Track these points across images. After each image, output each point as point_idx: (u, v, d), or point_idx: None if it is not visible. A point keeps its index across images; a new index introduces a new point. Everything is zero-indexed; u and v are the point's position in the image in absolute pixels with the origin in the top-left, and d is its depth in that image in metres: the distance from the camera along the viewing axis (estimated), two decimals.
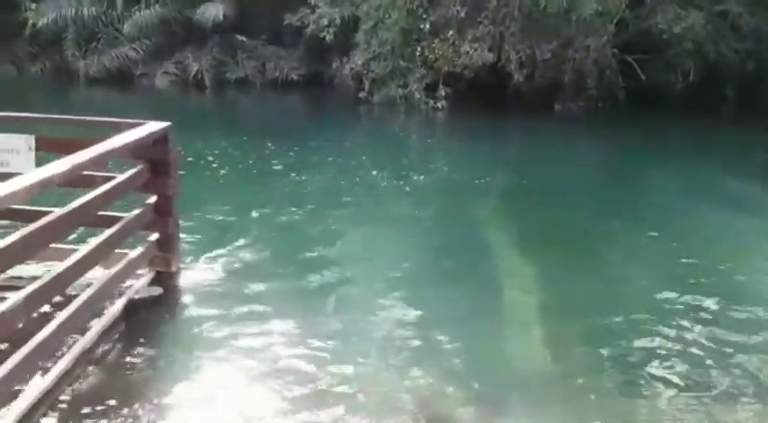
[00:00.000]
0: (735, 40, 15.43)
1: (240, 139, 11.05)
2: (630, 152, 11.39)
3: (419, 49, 15.37)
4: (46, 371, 3.02)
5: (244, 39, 18.96)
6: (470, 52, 14.87)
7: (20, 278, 3.53)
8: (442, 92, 15.43)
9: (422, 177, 9.11)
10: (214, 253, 5.31)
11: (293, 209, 6.97)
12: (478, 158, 10.49)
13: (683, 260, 5.81)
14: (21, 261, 2.87)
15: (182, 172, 4.55)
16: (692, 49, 14.92)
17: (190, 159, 8.49)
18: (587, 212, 7.54)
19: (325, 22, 16.80)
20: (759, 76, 16.30)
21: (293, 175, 8.71)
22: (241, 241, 5.71)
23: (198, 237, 5.55)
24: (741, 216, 7.43)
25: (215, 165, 9.11)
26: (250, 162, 9.36)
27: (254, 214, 6.68)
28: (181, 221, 4.49)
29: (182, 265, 4.46)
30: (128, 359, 3.54)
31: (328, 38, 16.92)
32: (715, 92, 16.46)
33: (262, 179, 8.52)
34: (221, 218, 6.46)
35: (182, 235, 4.59)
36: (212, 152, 9.88)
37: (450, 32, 15.12)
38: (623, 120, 14.67)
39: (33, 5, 18.90)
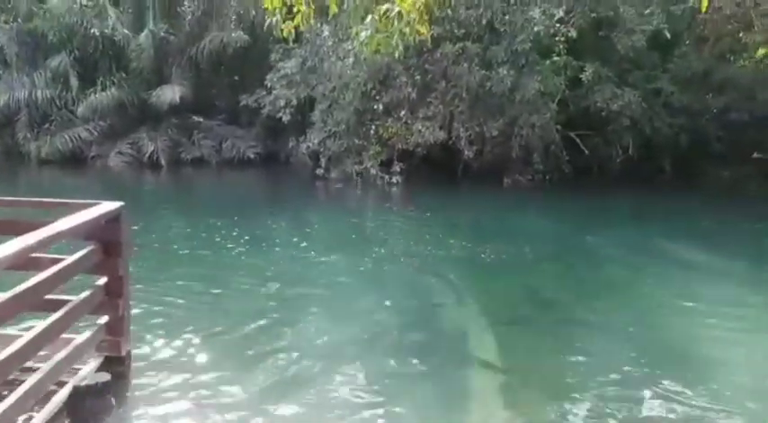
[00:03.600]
0: (668, 116, 16.51)
1: (195, 219, 10.98)
2: (578, 222, 11.78)
3: (373, 127, 15.91)
4: None
5: (200, 119, 19.27)
6: (422, 130, 15.46)
7: None
8: (396, 168, 15.88)
9: (380, 252, 9.16)
10: (165, 336, 5.17)
11: (247, 290, 6.88)
12: (433, 232, 10.66)
13: (638, 330, 5.93)
14: None
15: (133, 252, 4.48)
16: (629, 125, 15.87)
17: (141, 239, 8.37)
18: (542, 284, 7.65)
19: (282, 103, 17.28)
20: (692, 149, 17.37)
21: (250, 254, 8.64)
22: (194, 323, 5.57)
23: (149, 319, 5.41)
24: (685, 278, 7.86)
25: (167, 244, 9.02)
26: (204, 242, 9.25)
27: (207, 296, 6.56)
28: (131, 303, 4.38)
29: (131, 349, 4.30)
30: None
31: (285, 118, 17.36)
32: (653, 164, 17.46)
33: (216, 259, 8.38)
34: (173, 299, 6.31)
35: (131, 318, 4.46)
36: (165, 232, 9.81)
37: (403, 112, 15.75)
38: (569, 192, 15.31)
39: None
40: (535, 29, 14.76)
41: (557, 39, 14.92)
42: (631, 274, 8.06)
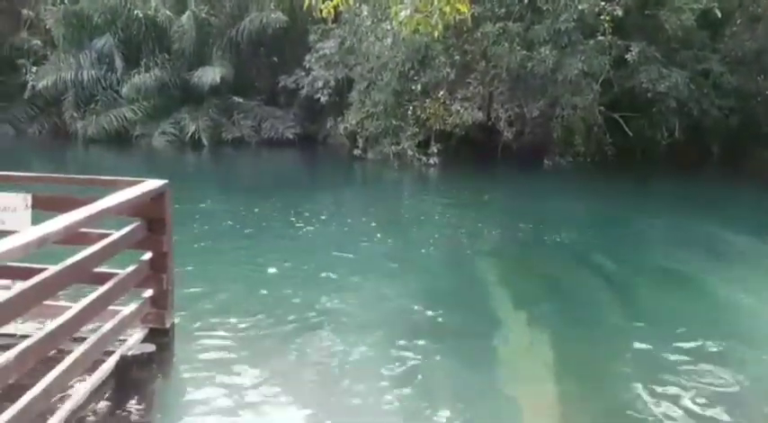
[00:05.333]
0: (718, 98, 15.91)
1: (236, 197, 11.14)
2: (623, 208, 11.49)
3: (411, 108, 15.80)
4: None
5: (240, 100, 19.46)
6: (461, 111, 15.30)
7: (12, 335, 3.52)
8: (434, 149, 15.77)
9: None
10: (208, 309, 5.30)
11: (288, 267, 6.94)
12: (472, 214, 10.59)
13: (689, 317, 5.79)
14: (15, 318, 2.87)
15: (178, 228, 4.58)
16: (675, 107, 15.37)
17: (186, 216, 8.54)
18: (588, 272, 7.46)
19: (320, 84, 17.32)
20: (743, 132, 16.74)
21: (291, 232, 8.74)
22: (236, 298, 5.70)
23: (192, 293, 5.54)
24: (735, 267, 7.64)
25: (211, 222, 9.16)
26: (247, 220, 9.38)
27: (249, 272, 6.67)
28: (175, 277, 4.49)
29: (175, 322, 4.43)
30: (118, 419, 3.49)
31: (323, 99, 17.40)
32: (700, 147, 16.89)
33: (259, 237, 8.49)
34: (215, 274, 6.46)
35: (175, 291, 4.58)
36: (208, 209, 9.98)
37: (441, 93, 15.59)
38: (612, 175, 14.95)
39: (34, 69, 19.40)
40: (579, 7, 14.38)
41: (602, 17, 14.49)
42: (684, 263, 7.81)
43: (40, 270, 3.00)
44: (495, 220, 10.12)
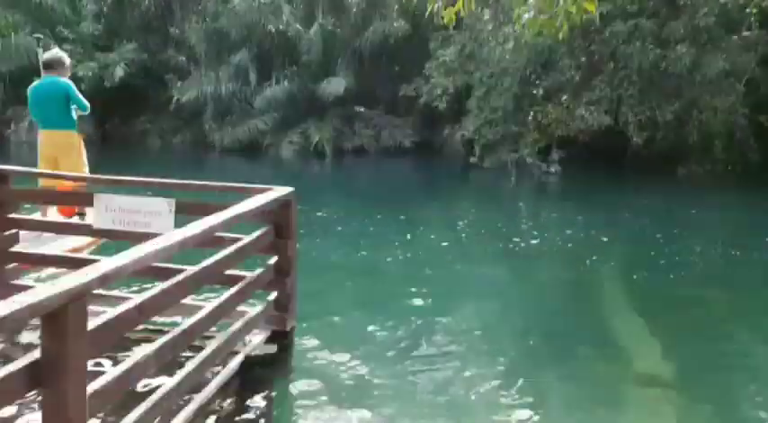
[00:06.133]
0: None
1: (358, 205, 11.32)
2: None
3: (531, 113, 15.37)
4: None
5: (361, 109, 20.01)
6: (586, 116, 14.63)
7: (149, 330, 3.83)
8: (555, 156, 15.24)
9: (537, 247, 8.81)
10: (329, 314, 5.45)
11: (409, 277, 6.90)
12: (596, 229, 9.94)
13: None
14: (160, 312, 3.11)
15: (303, 235, 4.74)
16: None
17: (310, 223, 8.85)
18: (723, 301, 6.56)
19: (438, 91, 17.38)
20: None
21: (411, 242, 8.67)
22: (355, 303, 5.82)
23: (313, 297, 5.71)
24: None
25: (334, 229, 9.41)
26: (369, 228, 9.47)
27: (370, 279, 6.77)
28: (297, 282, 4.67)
29: (296, 325, 4.61)
30: (243, 415, 3.68)
31: (441, 106, 17.44)
32: None
33: (380, 245, 8.38)
34: (336, 280, 6.62)
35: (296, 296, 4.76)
36: (332, 217, 10.26)
37: (565, 96, 15.03)
38: (757, 186, 13.45)
39: (179, 84, 21.23)
40: (721, 0, 13.26)
41: (748, 10, 13.26)
42: None
43: (177, 270, 3.24)
44: (640, 241, 9.17)
